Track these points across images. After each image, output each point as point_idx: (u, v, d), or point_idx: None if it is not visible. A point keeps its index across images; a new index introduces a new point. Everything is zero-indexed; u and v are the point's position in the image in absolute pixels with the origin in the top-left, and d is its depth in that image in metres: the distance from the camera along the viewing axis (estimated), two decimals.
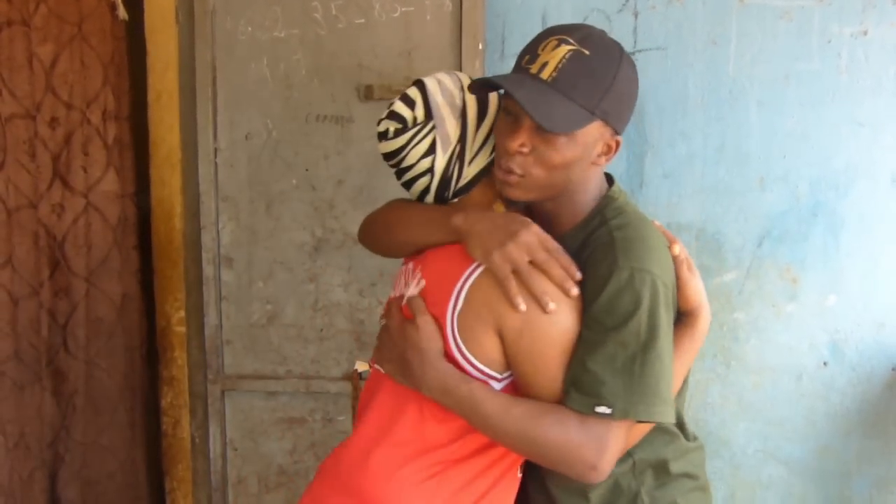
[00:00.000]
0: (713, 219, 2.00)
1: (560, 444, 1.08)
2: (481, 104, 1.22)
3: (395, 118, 1.22)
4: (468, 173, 1.22)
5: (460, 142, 1.21)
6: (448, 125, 1.20)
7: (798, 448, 2.05)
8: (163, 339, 2.16)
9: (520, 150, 1.13)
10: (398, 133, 1.21)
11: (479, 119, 1.22)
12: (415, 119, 1.21)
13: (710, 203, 2.00)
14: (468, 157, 1.21)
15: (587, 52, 1.11)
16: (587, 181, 1.20)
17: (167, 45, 2.06)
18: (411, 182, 1.24)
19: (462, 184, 1.22)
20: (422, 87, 1.23)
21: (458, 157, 1.21)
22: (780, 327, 2.02)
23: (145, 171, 2.13)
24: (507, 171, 1.15)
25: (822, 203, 1.97)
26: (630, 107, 1.18)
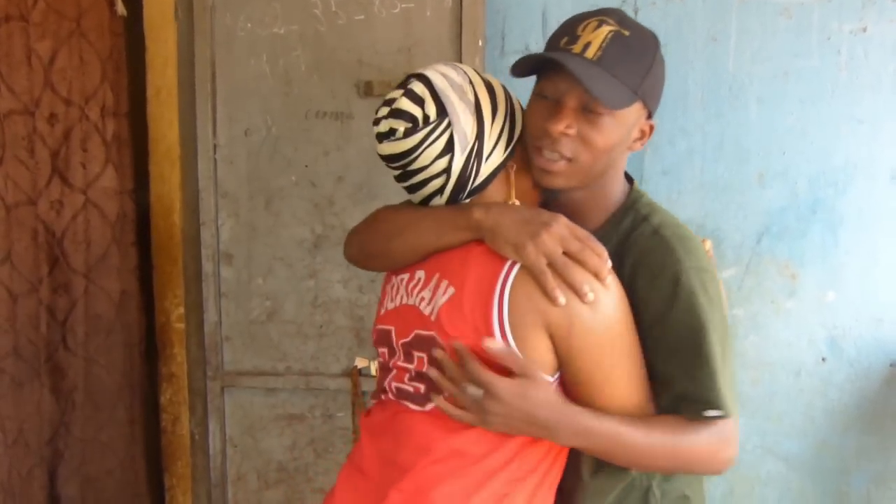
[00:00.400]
0: (712, 215, 2.01)
1: (699, 452, 1.12)
2: (492, 96, 1.15)
3: (402, 117, 1.12)
4: (485, 170, 1.15)
5: (478, 139, 1.13)
6: (464, 122, 1.12)
7: (796, 444, 2.06)
8: (162, 336, 2.15)
9: (566, 132, 1.10)
10: (409, 133, 1.11)
11: (493, 112, 1.14)
12: (426, 117, 1.12)
13: (709, 199, 2.01)
14: (486, 153, 1.14)
15: (627, 32, 1.11)
16: (620, 169, 1.20)
17: (166, 41, 2.05)
18: (422, 184, 1.15)
19: (478, 182, 1.15)
20: (426, 81, 1.14)
21: (476, 155, 1.13)
22: (779, 323, 2.02)
23: (144, 167, 2.12)
24: (550, 157, 1.12)
25: (821, 200, 1.98)
26: (661, 90, 1.18)
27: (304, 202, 2.06)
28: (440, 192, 1.15)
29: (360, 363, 2.04)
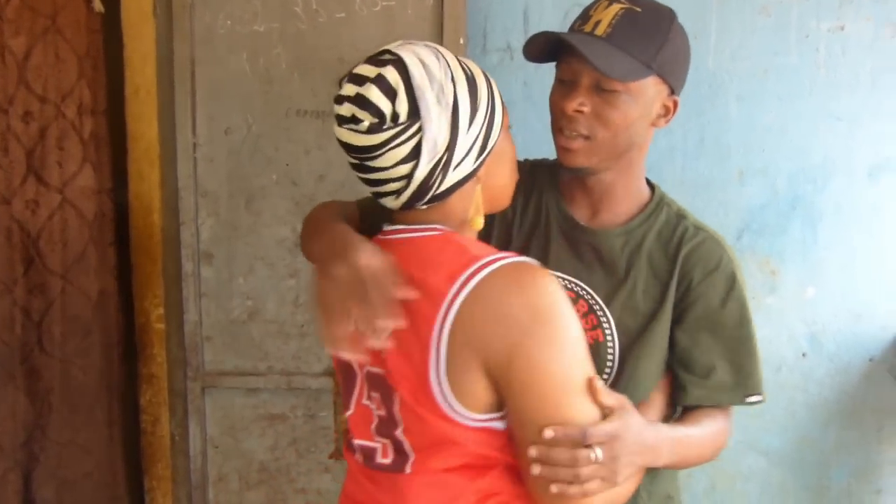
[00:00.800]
0: (693, 212, 1.95)
1: (722, 440, 1.21)
2: (473, 95, 1.01)
3: (368, 108, 0.98)
4: (450, 180, 1.02)
5: (448, 149, 0.99)
6: (437, 129, 0.98)
7: (777, 439, 2.08)
8: (142, 337, 2.13)
9: (579, 109, 1.11)
10: (373, 129, 0.97)
11: (472, 117, 1.01)
12: (395, 115, 0.98)
13: (690, 196, 1.99)
14: (454, 163, 1.01)
15: (639, 9, 1.12)
16: (644, 148, 1.21)
17: (145, 38, 2.03)
18: (379, 183, 1.03)
19: (441, 190, 1.02)
20: (403, 71, 0.98)
21: (443, 165, 1.00)
22: (759, 319, 1.96)
23: (123, 166, 2.10)
24: (569, 136, 1.12)
25: (801, 196, 2.00)
26: (684, 67, 1.19)
27: (285, 201, 2.05)
28: (397, 194, 1.03)
29: None
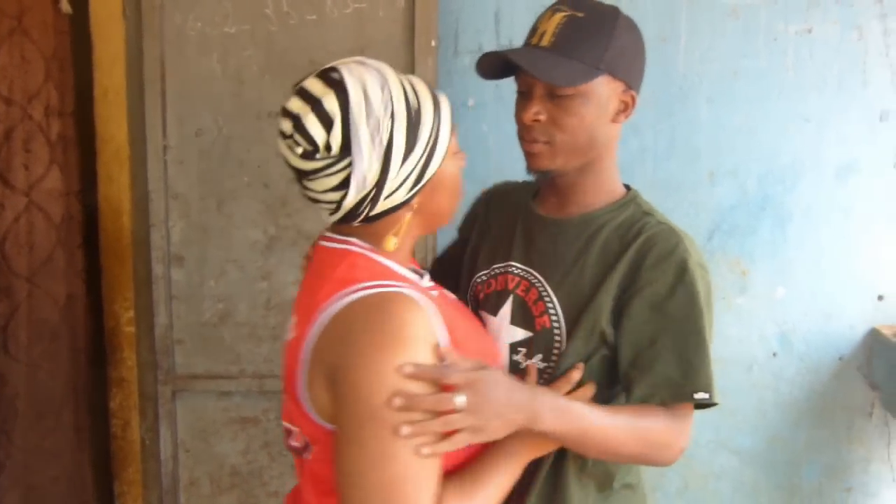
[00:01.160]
0: (664, 213, 2.02)
1: (662, 437, 1.12)
2: (412, 131, 1.01)
3: (304, 135, 0.99)
4: (381, 207, 1.03)
5: (377, 186, 1.00)
6: (367, 166, 0.99)
7: (749, 438, 2.09)
8: (112, 340, 2.10)
9: (536, 118, 1.15)
10: (306, 156, 0.99)
11: (406, 155, 1.01)
12: (328, 147, 0.98)
13: (660, 197, 1.95)
14: (384, 194, 1.02)
15: (581, 13, 1.14)
16: (610, 143, 1.22)
17: (114, 39, 2.01)
18: (314, 201, 1.05)
19: (371, 215, 1.04)
20: (344, 100, 0.98)
21: (371, 198, 1.01)
22: (730, 319, 2.05)
23: (92, 168, 2.07)
24: (531, 142, 1.16)
25: (770, 197, 2.01)
26: (637, 61, 1.21)
27: (257, 203, 2.04)
28: (328, 213, 1.06)
29: None
